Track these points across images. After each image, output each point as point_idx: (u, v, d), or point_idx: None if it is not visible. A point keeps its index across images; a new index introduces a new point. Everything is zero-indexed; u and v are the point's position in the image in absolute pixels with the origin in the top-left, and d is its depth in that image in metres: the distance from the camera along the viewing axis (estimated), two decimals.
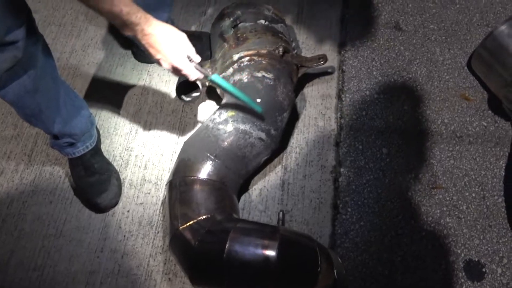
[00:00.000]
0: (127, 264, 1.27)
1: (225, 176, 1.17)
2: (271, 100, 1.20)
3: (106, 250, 1.29)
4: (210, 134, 1.18)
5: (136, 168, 1.42)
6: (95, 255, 1.29)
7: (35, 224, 1.35)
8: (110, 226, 1.33)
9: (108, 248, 1.29)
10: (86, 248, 1.30)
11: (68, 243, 1.31)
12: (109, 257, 1.28)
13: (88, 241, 1.31)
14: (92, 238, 1.31)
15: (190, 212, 1.10)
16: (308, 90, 1.51)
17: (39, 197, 1.39)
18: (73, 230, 1.33)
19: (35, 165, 1.45)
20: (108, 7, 0.87)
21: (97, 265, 1.27)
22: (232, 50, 1.27)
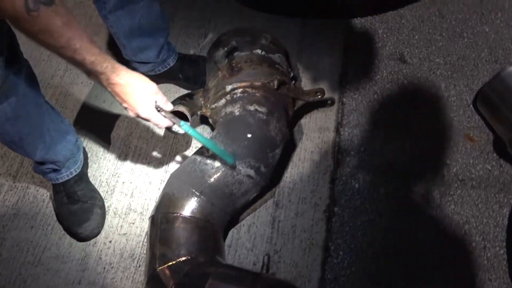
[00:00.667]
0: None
1: (211, 214, 1.11)
2: (262, 135, 1.14)
3: (84, 283, 1.23)
4: (196, 168, 1.13)
5: (122, 195, 1.37)
6: (72, 286, 1.23)
7: (14, 250, 1.29)
8: (90, 257, 1.27)
9: (86, 280, 1.24)
10: (63, 278, 1.24)
11: (46, 272, 1.25)
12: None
13: (66, 271, 1.25)
14: (70, 269, 1.25)
15: (169, 253, 1.04)
16: (305, 121, 1.45)
17: (20, 221, 1.34)
18: (52, 258, 1.27)
19: (19, 187, 1.40)
20: (69, 54, 0.81)
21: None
22: (226, 80, 1.22)
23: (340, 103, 1.49)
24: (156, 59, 1.42)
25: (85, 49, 0.81)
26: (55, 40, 0.77)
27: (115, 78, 0.89)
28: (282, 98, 1.22)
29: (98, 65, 0.85)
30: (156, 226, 1.10)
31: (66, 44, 0.78)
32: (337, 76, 1.54)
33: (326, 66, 1.56)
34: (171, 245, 1.05)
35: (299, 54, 1.59)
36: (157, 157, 1.43)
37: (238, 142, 1.12)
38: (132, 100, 0.94)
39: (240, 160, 1.11)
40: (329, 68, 1.55)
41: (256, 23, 1.65)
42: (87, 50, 0.82)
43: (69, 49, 0.79)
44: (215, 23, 1.69)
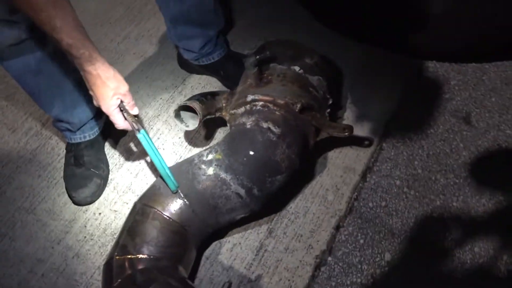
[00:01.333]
0: (74, 267, 1.20)
1: (189, 221, 1.05)
2: (265, 157, 1.05)
3: (62, 245, 1.24)
4: (190, 170, 1.07)
5: (128, 173, 1.36)
6: (51, 244, 1.24)
7: (16, 192, 1.34)
8: (77, 222, 1.28)
9: (65, 242, 1.24)
10: (47, 234, 1.26)
11: (35, 222, 1.28)
12: (61, 253, 1.23)
13: (52, 228, 1.27)
14: (56, 227, 1.27)
15: (131, 245, 1.00)
16: (333, 155, 1.33)
17: (32, 167, 1.39)
18: (44, 211, 1.30)
19: (43, 135, 1.46)
20: (48, 29, 0.80)
21: (48, 255, 1.23)
22: (250, 89, 1.14)
23: (378, 147, 1.34)
24: (200, 50, 1.39)
25: (65, 30, 0.81)
26: (34, 12, 0.78)
27: (88, 66, 0.88)
28: (303, 124, 1.12)
29: (74, 49, 0.84)
30: (132, 215, 1.06)
31: (46, 20, 0.79)
32: (386, 116, 1.39)
33: (378, 102, 1.42)
34: (135, 239, 1.01)
35: (354, 82, 1.47)
36: (174, 146, 1.40)
37: (237, 156, 1.05)
38: (98, 92, 0.92)
39: (233, 175, 1.04)
40: (381, 106, 1.41)
41: (321, 38, 1.55)
42: (67, 32, 0.81)
43: (48, 25, 0.79)
44: (279, 30, 1.62)
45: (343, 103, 1.43)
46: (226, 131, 1.37)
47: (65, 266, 1.21)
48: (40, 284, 1.18)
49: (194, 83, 1.54)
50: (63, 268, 1.20)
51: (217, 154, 1.07)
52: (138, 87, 1.54)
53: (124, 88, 0.95)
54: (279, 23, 1.64)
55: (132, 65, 1.61)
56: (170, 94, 1.52)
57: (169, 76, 1.57)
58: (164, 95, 1.52)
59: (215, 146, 1.10)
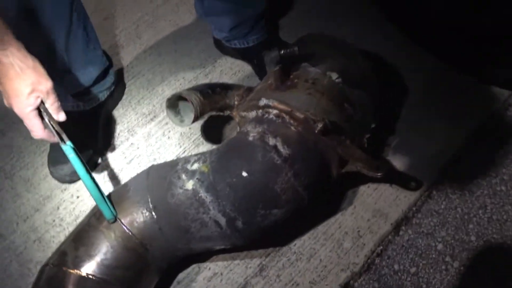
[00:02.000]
0: (32, 252, 1.04)
1: (152, 239, 0.83)
2: (260, 183, 0.80)
3: (28, 224, 1.09)
4: (168, 176, 0.85)
5: (122, 157, 1.17)
6: (17, 220, 1.09)
7: (3, 150, 1.21)
8: (50, 201, 1.11)
9: (31, 222, 1.09)
10: (16, 207, 1.11)
11: (9, 189, 1.14)
12: (24, 232, 1.07)
13: (23, 201, 1.12)
14: (28, 201, 1.12)
15: (70, 255, 0.81)
16: (364, 190, 1.04)
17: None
18: (22, 180, 1.15)
19: None
20: None
21: (10, 232, 1.08)
22: (268, 91, 0.89)
23: (426, 194, 1.03)
24: (231, 31, 1.15)
25: None
26: None
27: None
28: (324, 149, 0.85)
29: None
30: (89, 215, 0.87)
31: None
32: (446, 156, 1.07)
33: (440, 135, 1.10)
34: (79, 248, 0.81)
35: (416, 102, 1.15)
36: (181, 137, 1.18)
37: (225, 174, 0.81)
38: (9, 86, 0.71)
39: (215, 197, 0.80)
40: (442, 140, 1.09)
41: (388, 41, 1.24)
42: None
43: None
44: (339, 24, 1.32)
45: (395, 125, 1.12)
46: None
47: (23, 249, 1.05)
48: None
49: (225, 68, 1.30)
50: (21, 251, 1.05)
51: (204, 165, 0.84)
52: (163, 59, 1.34)
53: (46, 85, 0.73)
54: (341, 16, 1.35)
55: (164, 32, 1.40)
56: (195, 75, 1.30)
57: (199, 54, 1.34)
58: (188, 74, 1.30)
59: (206, 154, 0.87)
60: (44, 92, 0.74)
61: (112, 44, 1.38)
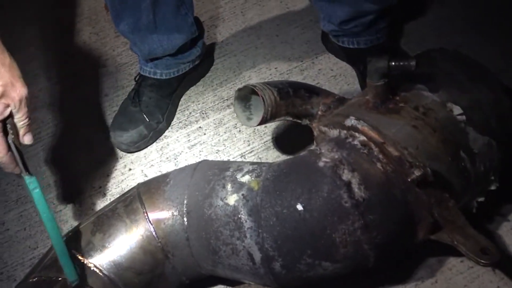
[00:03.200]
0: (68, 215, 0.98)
1: (176, 248, 0.70)
2: (315, 225, 0.61)
3: (74, 183, 1.02)
4: (213, 181, 0.70)
5: (185, 139, 1.05)
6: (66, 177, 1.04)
7: (77, 103, 1.16)
8: (103, 167, 1.04)
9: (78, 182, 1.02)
10: (69, 163, 1.05)
11: (68, 145, 1.09)
12: (68, 192, 1.01)
13: (77, 158, 1.06)
14: (82, 160, 1.05)
15: (84, 240, 0.70)
16: (455, 266, 0.79)
17: (107, 80, 1.18)
18: (86, 136, 1.08)
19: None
20: None
21: (56, 188, 1.03)
22: (361, 109, 0.69)
23: None
24: (341, 24, 0.96)
25: None
26: None
27: None
28: (415, 205, 0.63)
29: None
30: (117, 201, 0.76)
31: None
32: None
33: None
34: (95, 234, 0.70)
35: None
36: (253, 133, 1.03)
37: (276, 201, 0.63)
38: None
39: (256, 225, 0.63)
40: None
41: None
42: None
43: None
44: (479, 40, 1.05)
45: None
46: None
47: (63, 208, 0.99)
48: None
49: (325, 67, 1.11)
50: (60, 209, 0.99)
51: (255, 180, 0.67)
52: (260, 43, 1.19)
53: (21, 92, 0.59)
54: (488, 31, 1.07)
55: (271, 13, 1.25)
56: (290, 67, 1.13)
57: (301, 46, 1.17)
58: (282, 65, 1.14)
59: (264, 166, 0.70)
60: (17, 101, 0.59)
61: (213, 15, 1.27)
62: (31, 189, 0.62)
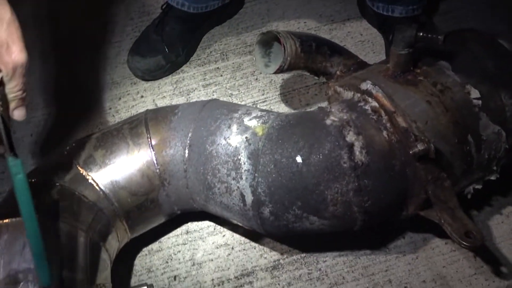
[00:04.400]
0: (75, 130, 0.99)
1: (173, 178, 0.72)
2: (309, 179, 0.62)
3: (86, 99, 1.04)
4: (221, 120, 0.71)
5: (201, 77, 1.05)
6: (80, 90, 1.05)
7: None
8: (117, 89, 1.05)
9: (90, 99, 1.03)
10: (86, 78, 1.06)
11: (87, 61, 1.09)
12: (79, 107, 1.03)
13: (95, 75, 1.07)
14: (98, 77, 1.06)
15: (86, 152, 0.72)
16: (438, 246, 0.81)
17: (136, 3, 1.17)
18: (104, 57, 1.09)
19: None
20: None
21: (69, 99, 1.04)
22: (380, 75, 0.68)
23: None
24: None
25: None
26: None
27: None
28: (412, 179, 0.63)
29: None
30: (123, 122, 0.77)
31: None
32: None
33: None
34: (98, 150, 0.71)
35: None
36: (269, 84, 1.03)
37: (277, 149, 0.64)
38: None
39: (253, 168, 0.64)
40: None
41: None
42: None
43: None
44: None
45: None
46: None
47: (71, 122, 1.01)
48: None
49: (355, 31, 1.09)
50: (67, 123, 1.01)
51: (261, 125, 0.68)
52: None
53: (18, 57, 0.49)
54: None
55: None
56: (319, 25, 1.11)
57: (336, 4, 1.14)
58: (312, 21, 1.12)
59: (272, 114, 0.70)
60: (10, 67, 0.49)
61: None
62: (14, 174, 0.52)
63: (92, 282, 0.64)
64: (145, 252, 0.85)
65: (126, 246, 0.79)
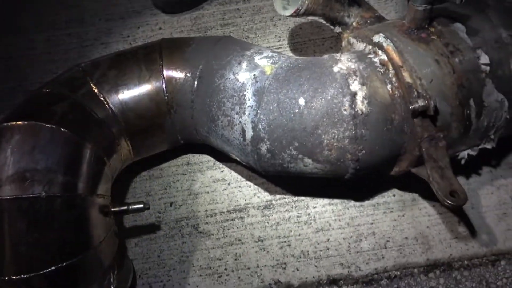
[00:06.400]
0: (93, 54, 1.02)
1: (180, 107, 0.75)
2: (309, 122, 0.64)
3: (107, 22, 1.05)
4: (232, 56, 0.72)
5: (220, 16, 1.05)
6: (102, 14, 1.06)
7: None
8: (137, 18, 1.06)
9: (111, 23, 1.05)
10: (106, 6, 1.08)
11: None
12: (100, 28, 1.05)
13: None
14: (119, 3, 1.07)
15: (100, 71, 0.74)
16: (425, 207, 0.84)
17: None
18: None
19: None
20: None
21: (91, 24, 1.06)
22: (394, 30, 0.68)
23: (492, 258, 0.80)
24: None
25: None
26: None
27: None
28: (409, 134, 0.65)
29: None
30: (138, 47, 0.79)
31: None
32: None
33: None
34: (111, 70, 0.74)
35: None
36: (286, 31, 1.03)
37: (283, 89, 0.66)
38: None
39: (257, 104, 0.67)
40: None
41: None
42: None
43: None
44: None
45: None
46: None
47: (89, 45, 1.03)
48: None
49: None
50: (87, 45, 1.03)
51: (270, 65, 0.69)
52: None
53: None
54: None
55: None
56: None
57: None
58: None
59: (283, 57, 0.72)
60: None
61: None
62: None
63: (93, 192, 0.68)
64: (146, 176, 0.89)
65: (129, 167, 0.83)
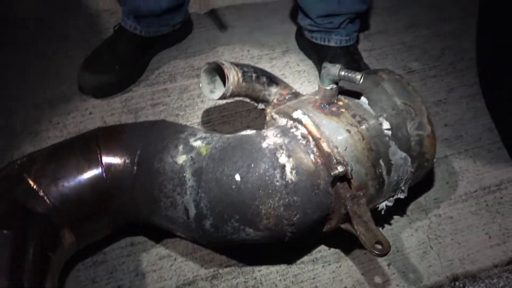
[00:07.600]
0: (23, 143, 1.02)
1: (121, 192, 0.77)
2: (246, 195, 0.71)
3: (35, 113, 1.06)
4: (168, 140, 0.77)
5: (149, 97, 1.11)
6: (30, 102, 1.07)
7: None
8: (66, 104, 1.09)
9: (38, 113, 1.06)
10: (36, 88, 1.09)
11: (41, 69, 1.12)
12: (25, 120, 1.05)
13: (44, 86, 1.10)
14: (48, 90, 1.09)
15: (37, 166, 0.76)
16: (358, 256, 0.92)
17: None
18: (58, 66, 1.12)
19: None
20: None
21: (15, 112, 1.06)
22: (309, 106, 0.78)
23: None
24: (318, 18, 1.05)
25: None
26: None
27: None
28: (334, 196, 0.74)
29: None
30: (75, 138, 0.82)
31: None
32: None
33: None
34: (50, 164, 0.76)
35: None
36: (214, 106, 1.11)
37: (219, 168, 0.72)
38: None
39: (196, 185, 0.72)
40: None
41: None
42: None
43: None
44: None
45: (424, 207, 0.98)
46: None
47: (19, 134, 1.03)
48: None
49: (293, 61, 1.21)
50: (16, 135, 1.03)
51: (205, 146, 0.76)
52: (239, 24, 1.26)
53: None
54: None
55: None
56: (261, 54, 1.22)
57: (277, 36, 1.26)
58: (254, 50, 1.23)
59: (215, 136, 0.78)
60: None
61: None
62: None
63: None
64: (90, 263, 0.89)
65: (72, 257, 0.83)
